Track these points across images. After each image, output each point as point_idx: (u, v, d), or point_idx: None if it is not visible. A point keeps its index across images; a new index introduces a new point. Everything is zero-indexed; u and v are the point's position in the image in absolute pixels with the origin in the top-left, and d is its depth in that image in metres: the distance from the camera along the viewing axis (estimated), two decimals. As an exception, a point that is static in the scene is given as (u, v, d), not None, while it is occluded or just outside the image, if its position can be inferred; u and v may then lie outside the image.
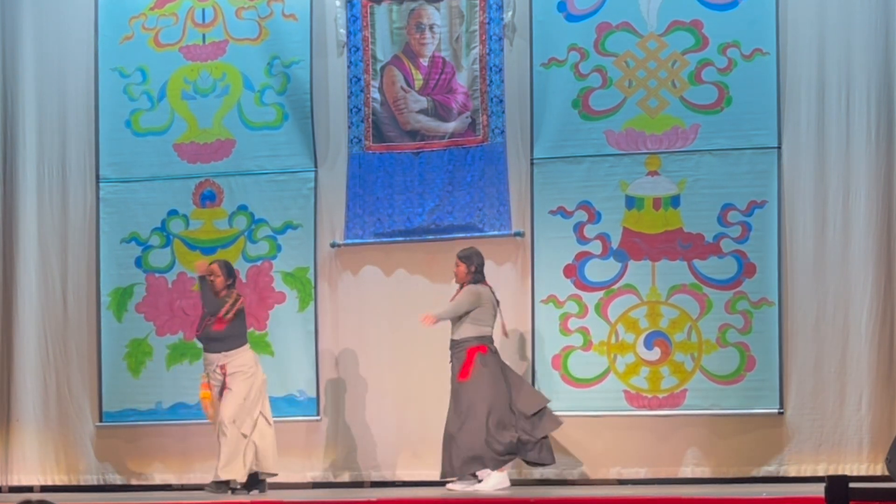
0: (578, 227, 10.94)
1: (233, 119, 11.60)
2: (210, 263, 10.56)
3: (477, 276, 10.28)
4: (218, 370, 10.24)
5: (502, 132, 11.11)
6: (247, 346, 10.39)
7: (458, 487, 10.05)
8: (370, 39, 11.37)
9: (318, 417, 11.30)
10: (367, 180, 11.32)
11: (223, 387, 10.21)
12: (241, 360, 10.28)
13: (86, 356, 11.71)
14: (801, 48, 10.66)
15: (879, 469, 10.17)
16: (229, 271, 10.51)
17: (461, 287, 10.31)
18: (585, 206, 10.94)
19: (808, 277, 10.58)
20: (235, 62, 11.63)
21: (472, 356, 10.10)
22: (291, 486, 11.22)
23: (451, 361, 10.21)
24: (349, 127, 11.38)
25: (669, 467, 10.69)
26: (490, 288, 10.34)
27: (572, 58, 11.01)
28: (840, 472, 10.23)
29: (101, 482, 11.62)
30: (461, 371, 10.11)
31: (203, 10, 11.73)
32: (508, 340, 10.67)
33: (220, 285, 10.39)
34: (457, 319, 10.19)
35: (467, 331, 10.16)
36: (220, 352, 10.28)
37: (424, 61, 11.30)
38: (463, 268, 10.28)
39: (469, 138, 11.17)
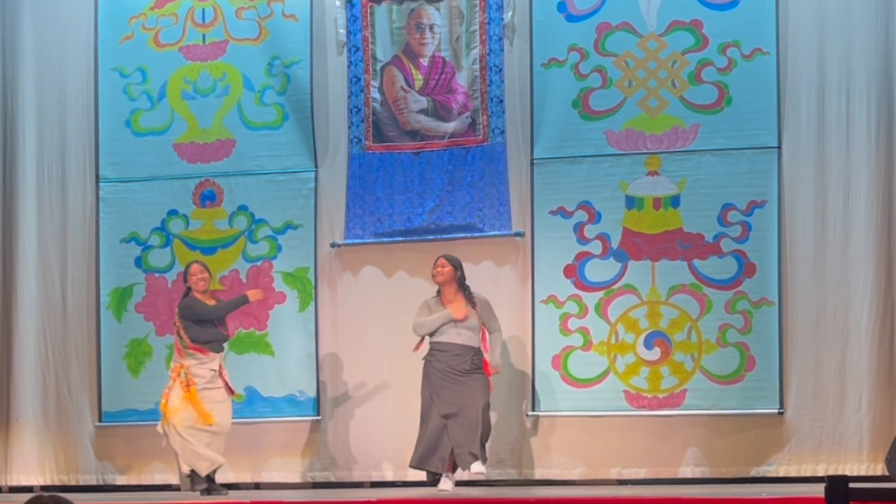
0: (578, 227, 10.94)
1: (233, 119, 11.60)
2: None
3: (464, 283, 10.21)
4: (217, 370, 10.29)
5: (502, 132, 11.11)
6: None
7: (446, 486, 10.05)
8: (370, 39, 11.37)
9: (318, 417, 11.31)
10: (367, 180, 11.32)
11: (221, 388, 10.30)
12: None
13: (86, 356, 11.71)
14: (801, 48, 10.67)
15: (879, 469, 10.17)
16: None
17: (461, 290, 10.17)
18: (585, 206, 10.94)
19: (808, 277, 10.58)
20: (235, 62, 11.63)
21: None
22: (291, 486, 11.23)
23: (471, 363, 10.12)
24: (349, 127, 11.39)
25: (669, 467, 10.69)
26: None
27: (572, 58, 11.01)
28: (840, 472, 10.23)
29: (101, 482, 11.63)
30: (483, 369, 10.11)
31: (203, 10, 11.73)
32: (509, 340, 10.69)
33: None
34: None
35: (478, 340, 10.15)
36: (221, 351, 10.38)
37: (424, 61, 11.30)
38: (450, 269, 10.17)
39: (469, 138, 11.18)
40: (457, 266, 10.18)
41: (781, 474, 10.51)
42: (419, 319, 10.15)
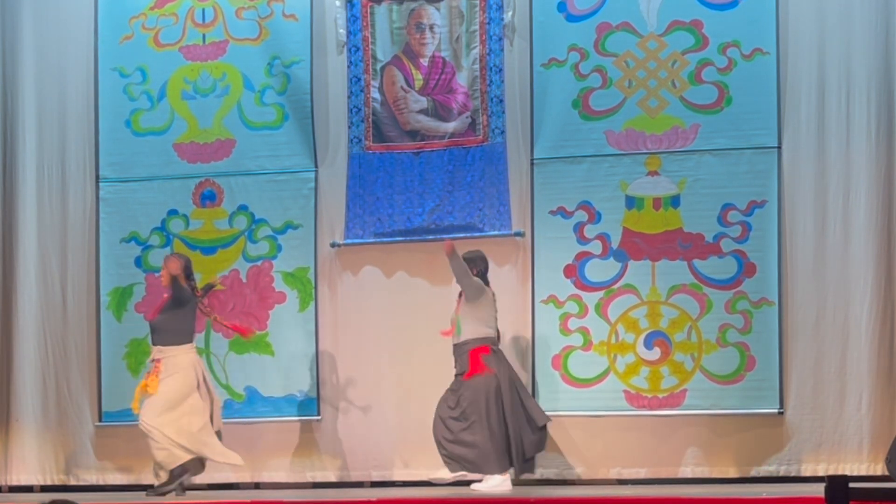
0: (578, 227, 10.94)
1: (233, 119, 11.61)
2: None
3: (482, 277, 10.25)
4: (154, 361, 10.23)
5: (502, 132, 11.11)
6: (188, 345, 10.29)
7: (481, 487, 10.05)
8: (370, 39, 11.37)
9: (318, 417, 11.31)
10: (367, 180, 11.32)
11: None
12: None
13: (85, 356, 11.71)
14: (801, 48, 10.67)
15: (879, 469, 10.17)
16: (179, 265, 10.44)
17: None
18: (585, 206, 10.94)
19: (808, 277, 10.58)
20: (235, 62, 11.63)
21: (475, 357, 10.05)
22: (291, 486, 11.23)
23: (456, 363, 10.16)
24: (349, 127, 11.39)
25: (669, 467, 10.69)
26: (493, 293, 10.32)
27: (572, 58, 11.01)
28: (840, 472, 10.23)
29: (101, 482, 11.62)
30: (468, 371, 10.04)
31: (203, 10, 11.73)
32: (509, 340, 10.69)
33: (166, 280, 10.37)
34: (467, 319, 10.10)
35: (470, 332, 10.10)
36: (157, 344, 10.25)
37: (424, 61, 11.30)
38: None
39: (469, 138, 11.18)
40: (473, 264, 10.19)
41: (781, 474, 10.51)
42: None
